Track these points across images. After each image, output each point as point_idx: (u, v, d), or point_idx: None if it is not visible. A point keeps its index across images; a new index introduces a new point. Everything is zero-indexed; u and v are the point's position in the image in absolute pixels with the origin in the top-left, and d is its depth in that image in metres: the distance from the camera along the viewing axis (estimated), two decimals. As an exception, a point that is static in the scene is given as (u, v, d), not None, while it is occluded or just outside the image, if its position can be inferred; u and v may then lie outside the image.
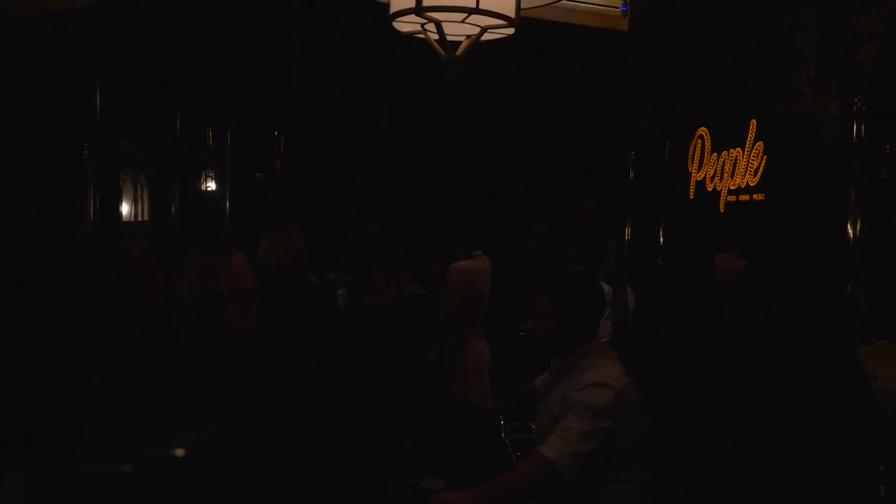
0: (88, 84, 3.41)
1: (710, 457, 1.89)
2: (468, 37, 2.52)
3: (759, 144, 2.18)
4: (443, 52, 2.48)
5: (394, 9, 2.37)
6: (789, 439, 1.69)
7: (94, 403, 1.32)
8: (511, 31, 2.48)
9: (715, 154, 2.54)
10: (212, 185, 5.32)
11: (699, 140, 2.70)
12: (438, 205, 5.81)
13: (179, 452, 1.10)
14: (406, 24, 2.52)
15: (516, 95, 7.25)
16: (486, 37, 2.49)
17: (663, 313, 3.18)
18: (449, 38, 2.44)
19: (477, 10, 2.24)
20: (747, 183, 2.25)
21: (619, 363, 2.18)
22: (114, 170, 3.53)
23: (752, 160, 2.19)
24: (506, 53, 2.57)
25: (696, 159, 2.71)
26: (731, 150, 2.37)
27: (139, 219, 4.01)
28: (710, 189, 2.56)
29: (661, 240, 3.20)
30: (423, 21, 2.39)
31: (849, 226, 1.89)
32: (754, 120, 2.24)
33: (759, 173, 2.17)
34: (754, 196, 2.21)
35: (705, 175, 2.60)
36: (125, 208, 3.77)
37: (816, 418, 1.65)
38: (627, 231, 3.89)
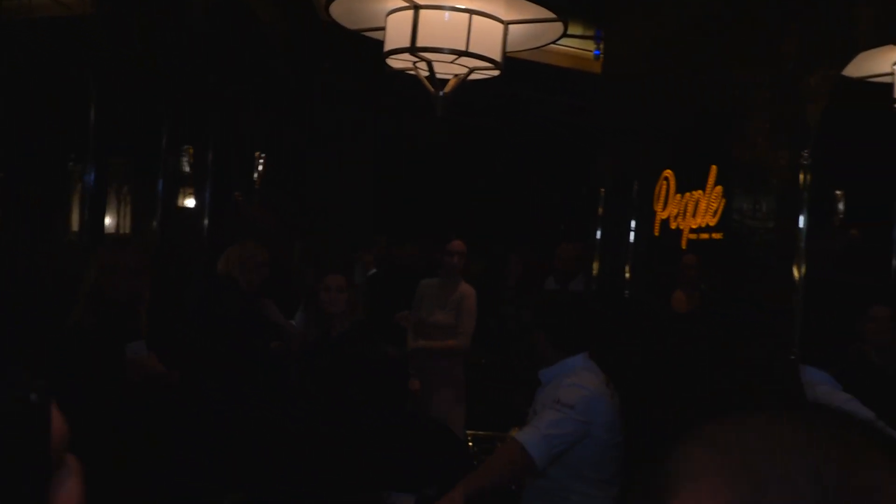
0: (82, 95, 3.52)
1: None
2: (456, 76, 2.73)
3: (719, 188, 2.40)
4: (432, 89, 2.68)
5: (388, 46, 2.57)
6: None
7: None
8: (497, 72, 2.70)
9: (679, 195, 2.76)
10: (190, 202, 5.42)
11: (665, 181, 2.92)
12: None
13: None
14: (399, 62, 2.72)
15: (486, 131, 7.52)
16: (471, 76, 2.70)
17: (629, 341, 3.38)
18: (438, 76, 2.64)
19: (466, 53, 2.45)
20: (707, 223, 2.46)
21: (601, 376, 2.37)
22: (101, 183, 3.63)
23: (712, 202, 2.41)
24: (473, 90, 2.78)
25: (662, 199, 2.92)
26: (694, 192, 2.59)
27: (121, 231, 4.09)
28: (673, 227, 2.77)
29: (628, 274, 3.40)
30: (416, 59, 2.59)
31: (795, 266, 2.11)
32: (714, 166, 2.46)
33: (718, 214, 2.39)
34: (713, 235, 2.43)
35: (669, 214, 2.81)
36: (108, 220, 3.86)
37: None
38: (595, 265, 4.11)
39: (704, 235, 2.51)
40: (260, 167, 5.99)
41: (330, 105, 6.42)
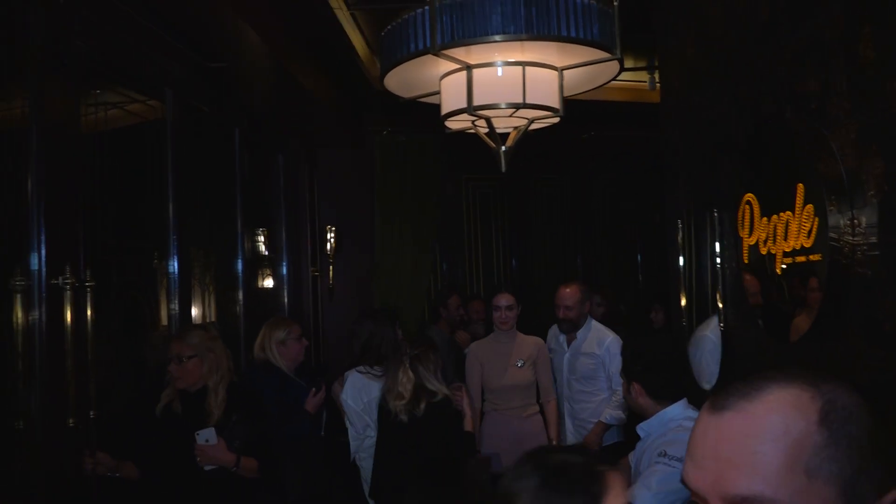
0: (161, 194, 3.69)
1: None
2: (516, 128, 2.72)
3: (809, 207, 2.27)
4: (493, 145, 2.67)
5: (445, 110, 2.59)
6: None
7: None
8: (557, 119, 2.68)
9: (765, 218, 2.63)
10: (269, 282, 5.56)
11: (747, 205, 2.80)
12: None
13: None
14: (457, 123, 2.74)
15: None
16: (532, 126, 2.69)
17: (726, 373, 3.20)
18: (498, 130, 2.64)
19: (525, 105, 2.44)
20: (801, 245, 2.33)
21: None
22: (185, 273, 3.76)
23: (804, 223, 2.28)
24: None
25: (747, 224, 2.80)
26: (782, 214, 2.47)
27: (206, 320, 4.21)
28: (763, 252, 2.64)
29: (720, 304, 3.25)
30: (474, 118, 2.59)
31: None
32: (801, 184, 2.34)
33: (812, 235, 2.26)
34: (811, 257, 2.29)
35: (757, 239, 2.68)
36: (194, 310, 3.98)
37: None
38: (682, 298, 3.94)
39: (801, 258, 2.37)
40: (331, 240, 6.13)
41: (392, 167, 6.54)
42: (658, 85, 6.00)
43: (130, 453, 2.88)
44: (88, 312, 2.64)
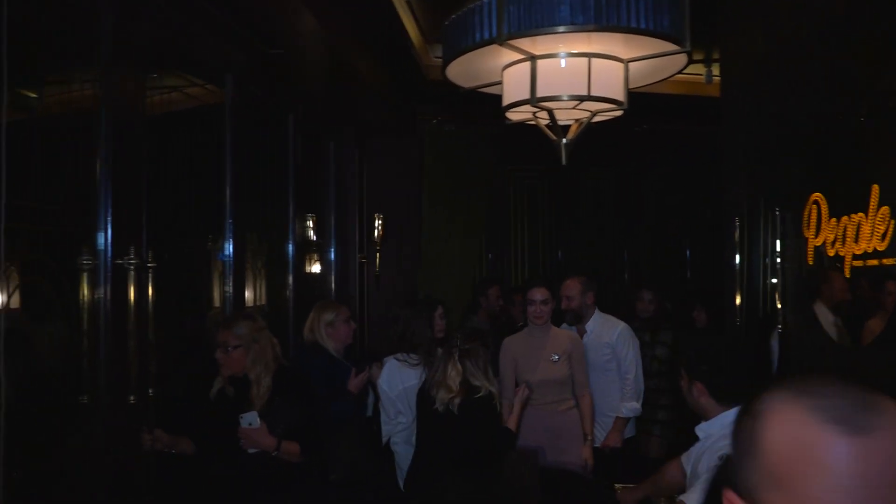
0: (218, 179, 3.74)
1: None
2: (577, 120, 2.68)
3: (885, 209, 2.19)
4: (554, 138, 2.64)
5: (507, 101, 2.56)
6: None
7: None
8: (620, 112, 2.63)
9: (834, 219, 2.55)
10: (317, 267, 5.62)
11: (814, 205, 2.72)
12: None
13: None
14: (518, 114, 2.70)
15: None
16: (595, 119, 2.64)
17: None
18: (560, 122, 2.60)
19: (589, 97, 2.40)
20: (874, 248, 2.25)
21: None
22: (239, 258, 3.81)
23: (878, 225, 2.20)
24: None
25: (814, 224, 2.72)
26: (853, 216, 2.39)
27: (258, 303, 4.27)
28: (831, 254, 2.56)
29: (780, 305, 3.17)
30: (535, 110, 2.56)
31: None
32: (876, 185, 2.26)
33: (887, 238, 2.18)
34: (884, 260, 2.21)
35: (825, 240, 2.60)
36: (247, 293, 4.04)
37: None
38: (738, 297, 3.86)
39: (873, 262, 2.29)
40: (378, 227, 6.16)
41: (440, 157, 6.53)
42: (715, 78, 5.87)
43: (186, 431, 2.94)
44: (150, 292, 2.70)
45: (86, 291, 2.48)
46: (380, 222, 6.17)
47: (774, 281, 3.23)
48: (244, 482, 2.85)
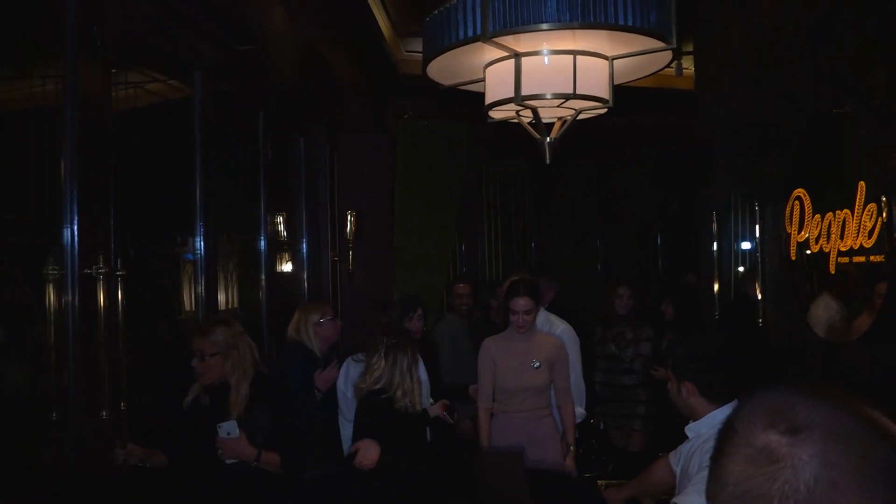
0: (188, 177, 3.62)
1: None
2: (560, 118, 2.63)
3: (872, 206, 2.19)
4: (538, 136, 2.59)
5: (490, 99, 2.51)
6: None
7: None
8: (604, 110, 2.59)
9: (818, 215, 2.55)
10: (287, 267, 5.51)
11: (797, 201, 2.72)
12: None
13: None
14: (501, 112, 2.65)
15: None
16: (579, 117, 2.60)
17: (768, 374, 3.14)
18: (544, 120, 2.55)
19: (574, 96, 2.35)
20: (861, 244, 2.25)
21: None
22: (211, 260, 3.71)
23: (866, 221, 2.20)
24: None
25: (797, 220, 2.72)
26: (838, 212, 2.39)
27: (230, 306, 4.16)
28: (815, 250, 2.56)
29: (761, 299, 3.18)
30: (519, 108, 2.51)
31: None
32: (863, 182, 2.26)
33: (874, 234, 2.18)
34: (871, 257, 2.21)
35: (809, 235, 2.60)
36: (220, 296, 3.94)
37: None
38: (715, 288, 3.87)
39: (859, 258, 2.29)
40: (351, 224, 6.06)
41: (414, 152, 6.45)
42: (686, 71, 5.88)
43: (159, 443, 2.84)
44: (120, 301, 2.59)
45: (52, 302, 2.37)
46: (352, 219, 6.06)
47: (742, 271, 3.24)
48: (223, 494, 2.77)
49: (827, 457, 0.69)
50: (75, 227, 2.43)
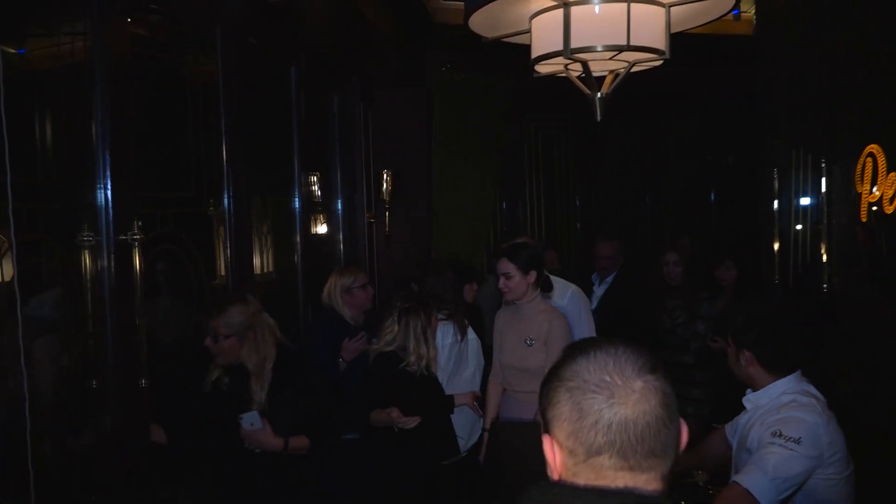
0: (215, 140, 3.62)
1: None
2: (611, 72, 2.55)
3: (955, 164, 2.08)
4: (588, 91, 2.51)
5: (536, 53, 2.42)
6: None
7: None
8: (660, 62, 2.49)
9: (893, 173, 2.44)
10: (322, 229, 5.53)
11: (869, 158, 2.61)
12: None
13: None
14: (548, 66, 2.57)
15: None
16: (633, 69, 2.51)
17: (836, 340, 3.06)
18: (594, 74, 2.47)
19: (628, 47, 2.26)
20: (941, 206, 2.15)
21: (822, 399, 2.15)
22: (245, 226, 3.72)
23: (947, 181, 2.10)
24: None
25: (868, 179, 2.61)
26: (916, 170, 2.28)
27: (265, 270, 4.20)
28: (889, 211, 2.46)
29: (826, 262, 3.09)
30: (567, 62, 2.43)
31: None
32: (945, 137, 2.14)
33: (957, 196, 2.07)
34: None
35: (883, 195, 2.50)
36: (255, 260, 3.97)
37: None
38: (776, 246, 3.78)
39: (938, 221, 2.19)
40: (387, 183, 6.03)
41: (451, 105, 6.35)
42: (745, 14, 5.65)
43: (161, 420, 2.77)
44: (143, 267, 2.61)
45: (88, 269, 2.41)
46: (388, 178, 6.04)
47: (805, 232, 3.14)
48: (252, 480, 2.77)
49: None
50: (108, 193, 2.45)
